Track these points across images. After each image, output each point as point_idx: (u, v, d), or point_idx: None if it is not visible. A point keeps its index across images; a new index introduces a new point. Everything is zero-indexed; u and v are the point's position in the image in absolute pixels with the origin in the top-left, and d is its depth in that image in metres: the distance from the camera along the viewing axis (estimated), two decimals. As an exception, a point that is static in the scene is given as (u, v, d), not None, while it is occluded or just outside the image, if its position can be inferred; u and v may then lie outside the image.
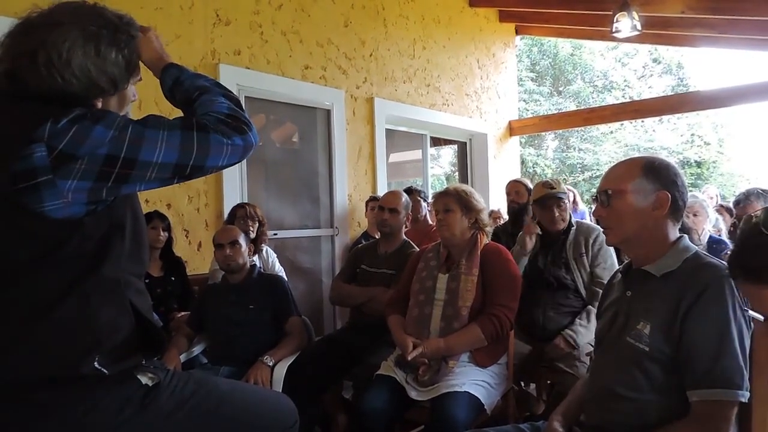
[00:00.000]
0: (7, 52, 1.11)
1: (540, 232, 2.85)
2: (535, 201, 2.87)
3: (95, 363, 1.10)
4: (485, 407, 2.17)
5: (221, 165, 1.14)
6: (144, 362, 1.20)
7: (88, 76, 1.12)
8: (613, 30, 4.90)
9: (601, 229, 1.58)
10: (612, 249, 2.76)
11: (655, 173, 1.45)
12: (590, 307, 2.65)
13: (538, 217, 2.88)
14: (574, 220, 2.87)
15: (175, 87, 1.24)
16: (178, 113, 1.22)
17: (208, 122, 1.12)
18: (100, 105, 1.18)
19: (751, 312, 1.30)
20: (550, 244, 2.83)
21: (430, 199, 4.11)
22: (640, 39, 5.74)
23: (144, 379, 1.17)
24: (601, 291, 1.82)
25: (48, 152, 1.01)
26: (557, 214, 2.79)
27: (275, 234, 3.88)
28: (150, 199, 3.17)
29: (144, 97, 3.08)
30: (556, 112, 13.69)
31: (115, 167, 1.04)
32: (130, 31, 1.20)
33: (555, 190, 2.81)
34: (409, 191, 4.07)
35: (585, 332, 2.60)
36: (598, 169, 16.39)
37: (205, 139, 1.10)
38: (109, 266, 1.13)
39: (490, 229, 2.58)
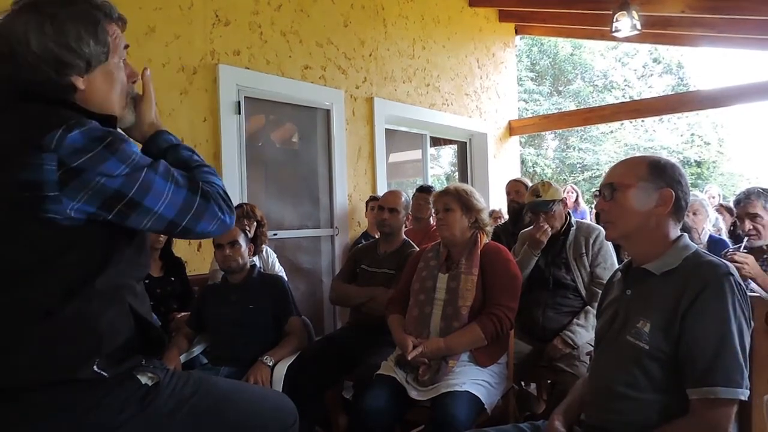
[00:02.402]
0: None
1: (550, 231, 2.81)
2: (525, 212, 2.94)
3: (95, 367, 1.10)
4: (486, 407, 2.16)
5: (206, 232, 1.21)
6: (144, 362, 1.20)
7: (51, 55, 1.10)
8: (613, 29, 4.90)
9: (602, 228, 1.58)
10: (612, 249, 2.76)
11: (661, 171, 1.45)
12: (588, 307, 2.66)
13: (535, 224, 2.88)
14: (574, 220, 2.87)
15: (171, 150, 1.28)
16: (178, 112, 1.21)
17: (211, 192, 1.20)
18: (82, 85, 1.15)
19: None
20: (550, 245, 2.83)
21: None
22: (640, 38, 5.74)
23: (144, 379, 1.17)
24: (601, 291, 1.82)
25: (57, 167, 1.02)
26: (542, 222, 2.78)
27: (275, 234, 3.88)
28: (150, 200, 3.16)
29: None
30: (555, 111, 13.69)
31: (120, 203, 1.08)
32: (96, 5, 1.17)
33: (540, 198, 2.80)
34: (424, 189, 4.07)
35: (583, 332, 2.61)
36: (598, 169, 16.41)
37: (204, 206, 1.18)
38: (111, 271, 1.13)
39: (490, 229, 2.57)
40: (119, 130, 1.22)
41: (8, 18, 1.12)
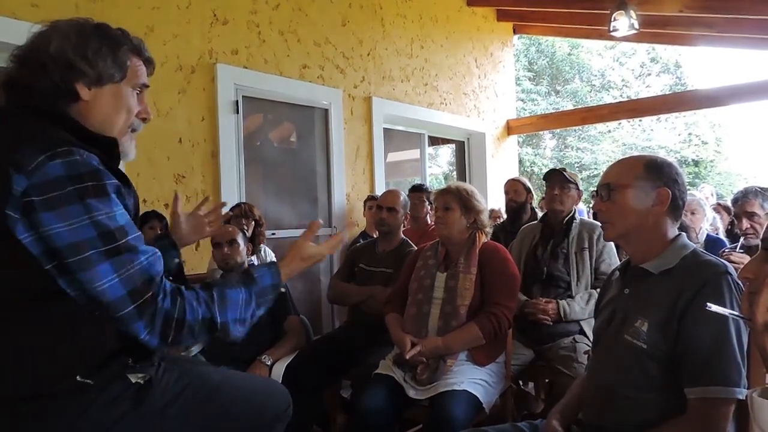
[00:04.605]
0: (12, 67, 1.16)
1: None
2: (544, 177, 3.00)
3: (77, 377, 1.08)
4: (484, 406, 2.16)
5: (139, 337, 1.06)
6: (131, 362, 1.18)
7: (63, 57, 1.12)
8: (611, 29, 4.90)
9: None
10: (614, 247, 2.77)
11: (657, 170, 1.46)
12: (593, 291, 2.65)
13: (546, 194, 2.94)
14: (578, 215, 2.88)
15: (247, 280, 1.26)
16: (176, 111, 1.22)
17: (156, 308, 1.07)
18: (86, 96, 1.16)
19: None
20: (550, 235, 2.84)
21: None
22: (637, 38, 5.74)
23: (134, 378, 1.16)
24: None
25: (22, 194, 0.99)
26: (556, 192, 2.84)
27: (273, 234, 3.88)
28: (147, 199, 3.16)
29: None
30: (553, 111, 13.70)
31: (55, 260, 1.02)
32: (128, 37, 1.23)
33: (566, 173, 2.89)
34: (417, 189, 4.07)
35: (578, 310, 2.61)
36: (595, 168, 16.43)
37: (134, 315, 1.05)
38: None
39: (489, 230, 2.57)
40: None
41: (47, 26, 1.17)
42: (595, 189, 1.55)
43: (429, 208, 4.10)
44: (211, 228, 1.69)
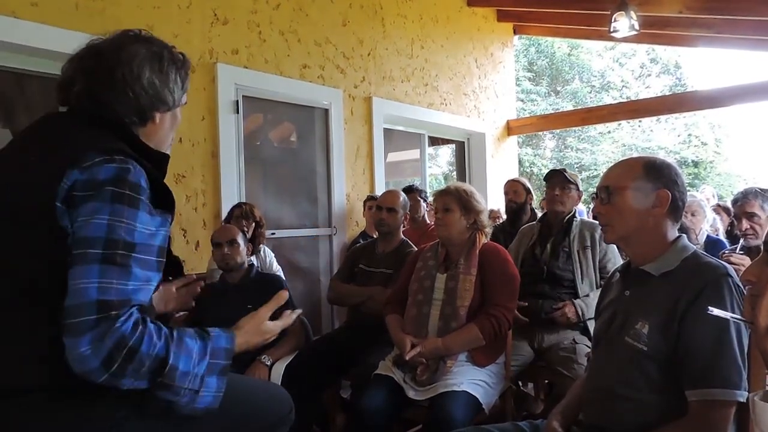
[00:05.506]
0: (80, 73, 1.19)
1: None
2: (545, 177, 3.02)
3: None
4: (483, 407, 2.17)
5: (70, 348, 0.98)
6: None
7: (154, 90, 1.21)
8: (611, 30, 4.90)
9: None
10: (616, 247, 2.77)
11: (657, 172, 1.45)
12: None
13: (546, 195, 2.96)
14: (578, 216, 2.89)
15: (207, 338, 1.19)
16: (182, 111, 1.25)
17: (111, 331, 0.98)
18: (158, 120, 1.24)
19: None
20: (548, 235, 2.84)
21: (429, 199, 4.12)
22: (637, 39, 5.74)
23: None
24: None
25: (70, 187, 1.04)
26: (557, 192, 2.85)
27: (273, 234, 3.88)
28: (147, 199, 3.15)
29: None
30: (553, 111, 13.70)
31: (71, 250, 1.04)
32: (182, 56, 1.31)
33: (566, 173, 2.90)
34: (410, 190, 4.08)
35: (594, 306, 2.61)
36: (595, 169, 16.44)
37: (91, 325, 0.97)
38: None
39: (489, 230, 2.57)
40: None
41: (109, 44, 1.20)
42: (595, 191, 1.55)
43: (425, 206, 4.11)
44: (178, 302, 1.61)
